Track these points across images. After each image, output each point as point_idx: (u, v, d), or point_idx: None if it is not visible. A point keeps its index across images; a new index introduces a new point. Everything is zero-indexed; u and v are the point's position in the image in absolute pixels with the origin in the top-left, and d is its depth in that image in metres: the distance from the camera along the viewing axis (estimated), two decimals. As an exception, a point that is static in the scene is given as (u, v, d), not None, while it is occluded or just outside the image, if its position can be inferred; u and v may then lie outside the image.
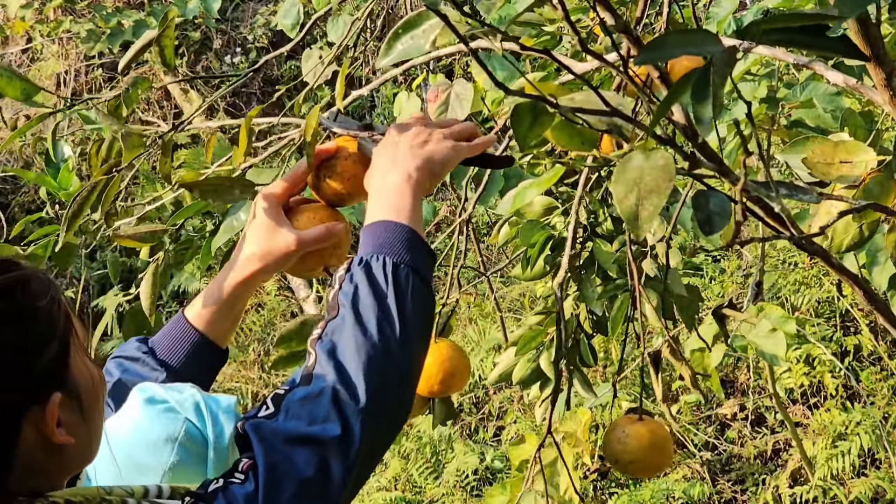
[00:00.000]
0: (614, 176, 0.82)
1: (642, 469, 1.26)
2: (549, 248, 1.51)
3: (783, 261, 4.47)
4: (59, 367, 0.89)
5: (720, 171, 0.84)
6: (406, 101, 2.09)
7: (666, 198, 0.79)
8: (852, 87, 1.10)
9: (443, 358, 1.30)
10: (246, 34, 6.82)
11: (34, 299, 0.88)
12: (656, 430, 1.25)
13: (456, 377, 1.31)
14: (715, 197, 0.89)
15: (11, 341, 0.86)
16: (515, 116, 0.92)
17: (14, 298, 0.88)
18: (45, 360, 0.87)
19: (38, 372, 0.86)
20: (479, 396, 4.63)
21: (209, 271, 5.79)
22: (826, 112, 1.90)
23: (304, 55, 1.96)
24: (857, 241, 1.07)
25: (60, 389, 0.87)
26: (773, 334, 1.80)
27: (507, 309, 4.84)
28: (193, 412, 1.12)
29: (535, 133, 0.93)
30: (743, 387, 4.15)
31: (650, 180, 0.80)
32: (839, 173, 1.02)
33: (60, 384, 0.88)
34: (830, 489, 3.51)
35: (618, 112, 0.83)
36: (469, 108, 1.49)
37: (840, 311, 4.15)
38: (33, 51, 6.72)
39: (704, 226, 0.88)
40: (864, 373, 3.90)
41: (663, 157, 0.81)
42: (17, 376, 0.85)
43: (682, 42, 0.72)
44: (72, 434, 0.88)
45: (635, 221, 0.79)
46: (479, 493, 4.05)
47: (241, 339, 5.39)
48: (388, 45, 1.04)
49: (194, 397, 1.14)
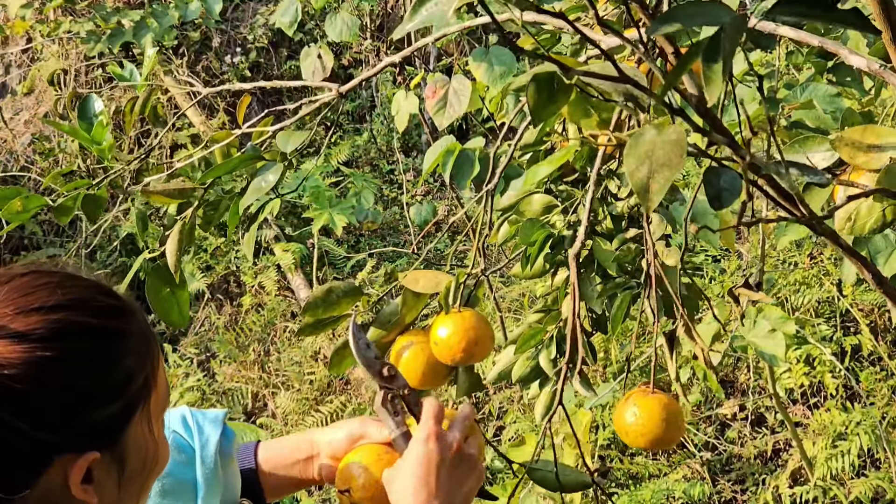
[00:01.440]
0: (626, 149, 0.82)
1: (654, 442, 1.25)
2: (549, 246, 1.51)
3: (783, 261, 4.47)
4: (112, 428, 0.86)
5: (730, 144, 0.85)
6: (404, 100, 2.09)
7: (678, 171, 0.80)
8: (875, 72, 1.10)
9: (466, 326, 1.29)
10: (246, 34, 6.82)
11: (123, 355, 0.86)
12: (669, 404, 1.25)
13: (479, 346, 1.31)
14: (726, 174, 0.89)
15: (78, 384, 0.83)
16: (533, 88, 0.91)
17: (105, 345, 0.86)
18: (100, 415, 0.85)
19: (87, 424, 0.84)
20: (478, 396, 4.63)
21: (209, 271, 5.79)
22: (826, 113, 1.90)
23: (302, 54, 1.96)
24: (881, 224, 1.07)
25: (103, 449, 0.85)
26: (772, 334, 1.81)
27: (507, 309, 4.85)
28: (180, 424, 1.15)
29: (550, 109, 0.93)
30: (743, 387, 4.15)
31: (662, 154, 0.80)
32: (867, 157, 1.02)
33: (106, 444, 0.86)
34: (830, 489, 3.51)
35: (632, 80, 0.83)
36: (467, 104, 1.49)
37: (840, 312, 4.15)
38: (33, 51, 6.72)
39: (714, 201, 0.88)
40: (864, 373, 3.90)
41: (676, 131, 0.82)
42: (65, 419, 0.82)
43: (695, 13, 0.73)
44: (99, 494, 0.86)
45: (646, 194, 0.80)
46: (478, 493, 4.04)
47: (241, 339, 5.39)
48: (414, 10, 1.05)
49: (181, 411, 1.17)
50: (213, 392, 4.94)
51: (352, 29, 2.48)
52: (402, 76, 6.38)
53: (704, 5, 0.73)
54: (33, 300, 0.84)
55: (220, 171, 1.45)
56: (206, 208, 1.51)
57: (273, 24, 6.35)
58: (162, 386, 0.93)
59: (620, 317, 1.51)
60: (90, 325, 0.85)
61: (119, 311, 0.89)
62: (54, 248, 5.92)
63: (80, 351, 0.84)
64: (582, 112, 0.97)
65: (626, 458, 3.94)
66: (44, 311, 0.83)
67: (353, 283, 1.33)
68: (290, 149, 1.45)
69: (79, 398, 0.83)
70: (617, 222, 1.51)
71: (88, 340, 0.85)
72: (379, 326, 1.35)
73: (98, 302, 0.88)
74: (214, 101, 6.46)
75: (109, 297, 0.90)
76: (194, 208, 1.45)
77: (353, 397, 4.84)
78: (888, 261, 1.61)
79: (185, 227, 1.44)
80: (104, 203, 1.51)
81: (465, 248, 5.37)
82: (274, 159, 1.44)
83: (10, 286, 0.85)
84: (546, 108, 0.92)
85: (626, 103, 0.85)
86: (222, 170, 1.44)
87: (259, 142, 1.56)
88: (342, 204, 5.60)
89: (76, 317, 0.85)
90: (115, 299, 0.91)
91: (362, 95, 6.81)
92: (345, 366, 1.36)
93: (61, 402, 0.82)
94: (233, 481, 1.18)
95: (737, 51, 0.71)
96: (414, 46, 1.48)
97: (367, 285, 5.35)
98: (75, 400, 0.83)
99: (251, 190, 1.43)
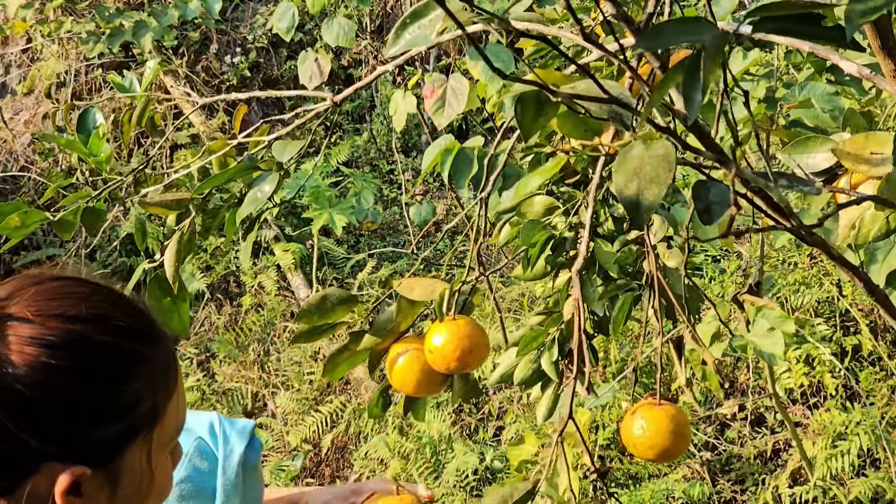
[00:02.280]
0: (615, 166, 0.82)
1: (662, 454, 1.25)
2: (550, 248, 1.51)
3: (783, 261, 4.47)
4: (109, 448, 0.85)
5: (718, 159, 0.85)
6: (402, 100, 2.09)
7: (667, 186, 0.80)
8: (866, 77, 1.10)
9: (461, 335, 1.29)
10: (246, 34, 6.82)
11: (133, 379, 0.85)
12: (676, 415, 1.25)
13: (474, 354, 1.30)
14: (715, 187, 0.89)
15: (81, 398, 0.82)
16: (520, 106, 0.92)
17: (116, 365, 0.84)
18: (98, 433, 0.84)
19: (84, 438, 0.83)
20: (478, 396, 4.63)
21: (209, 271, 5.79)
22: (825, 112, 1.90)
23: (299, 58, 1.96)
24: (884, 232, 1.07)
25: (96, 466, 0.84)
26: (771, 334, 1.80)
27: (507, 309, 4.85)
28: (207, 431, 1.15)
29: (539, 123, 0.93)
30: (743, 387, 4.15)
31: (650, 169, 0.80)
32: (869, 165, 1.02)
33: (100, 462, 0.84)
34: (830, 489, 3.51)
35: (616, 100, 0.83)
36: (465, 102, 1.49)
37: (840, 311, 4.15)
38: (33, 51, 6.72)
39: (703, 215, 0.89)
40: (864, 373, 3.90)
41: (663, 146, 0.82)
42: (61, 429, 0.82)
43: (680, 30, 0.73)
44: None
45: (636, 211, 0.80)
46: (479, 493, 4.05)
47: (241, 339, 5.39)
48: (396, 34, 1.05)
49: (210, 418, 1.17)
50: (213, 392, 4.94)
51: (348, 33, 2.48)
52: (401, 76, 6.38)
53: (689, 22, 0.73)
54: (56, 306, 0.84)
55: (216, 182, 1.45)
56: (204, 217, 1.51)
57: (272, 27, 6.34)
58: (171, 420, 0.91)
59: (622, 319, 1.51)
60: (104, 342, 0.84)
61: (140, 335, 0.88)
62: (54, 248, 5.92)
63: (89, 366, 0.83)
64: (572, 124, 0.97)
65: (625, 458, 3.94)
66: (63, 319, 0.83)
67: (348, 292, 1.33)
68: (286, 158, 1.45)
69: (78, 411, 0.82)
70: (618, 224, 1.51)
71: (99, 357, 0.84)
72: (374, 333, 1.35)
73: (119, 322, 0.87)
74: (214, 102, 6.46)
75: (134, 320, 0.89)
76: (192, 218, 1.46)
77: (352, 397, 4.84)
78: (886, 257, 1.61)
79: (184, 237, 1.45)
80: (103, 215, 1.52)
81: (464, 248, 5.37)
82: (270, 169, 1.44)
83: (38, 289, 0.85)
84: (535, 124, 0.92)
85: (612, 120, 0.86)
86: (218, 180, 1.45)
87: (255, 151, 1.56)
88: (342, 204, 5.60)
89: (93, 332, 0.84)
90: (140, 323, 0.89)
91: (362, 95, 6.81)
92: (338, 373, 1.36)
93: (60, 412, 0.81)
94: (254, 493, 1.18)
95: (735, 51, 0.72)
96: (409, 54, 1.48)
97: (367, 285, 5.35)
98: (75, 412, 0.82)
99: (247, 201, 1.43)
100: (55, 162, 6.11)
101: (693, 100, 0.70)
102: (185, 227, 1.45)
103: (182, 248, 1.43)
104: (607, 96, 0.83)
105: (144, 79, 1.68)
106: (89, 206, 1.44)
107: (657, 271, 1.25)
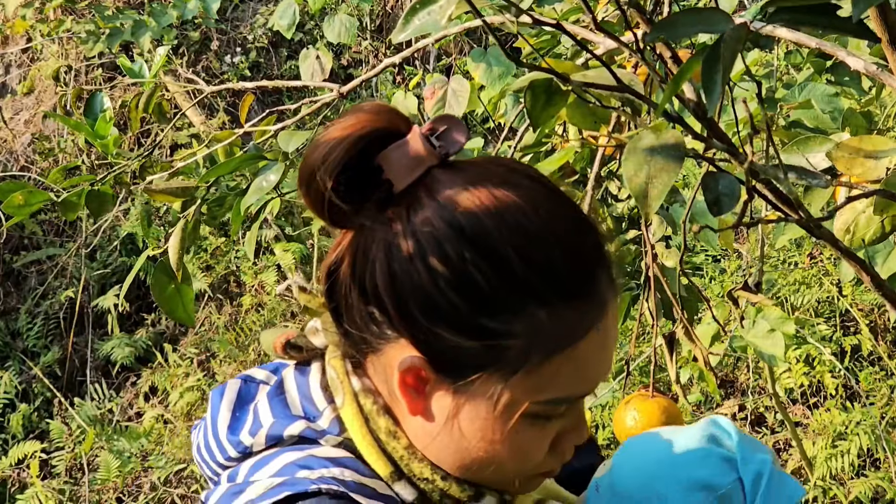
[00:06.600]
0: (625, 154, 0.82)
1: None
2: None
3: (783, 261, 4.47)
4: (517, 351, 0.71)
5: (729, 150, 0.84)
6: (402, 101, 2.10)
7: (676, 176, 0.80)
8: (872, 74, 1.09)
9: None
10: (246, 34, 6.82)
11: (523, 314, 0.70)
12: (669, 407, 1.25)
13: None
14: (724, 178, 0.89)
15: (478, 298, 0.69)
16: (530, 94, 0.91)
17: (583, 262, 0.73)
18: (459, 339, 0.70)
19: (481, 326, 0.70)
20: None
21: (209, 270, 5.79)
22: (825, 113, 1.90)
23: (301, 56, 1.96)
24: (879, 235, 1.06)
25: (445, 374, 0.72)
26: (771, 334, 1.80)
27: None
28: (750, 480, 0.92)
29: (548, 113, 0.93)
30: (743, 387, 4.15)
31: (660, 158, 0.80)
32: (864, 168, 1.01)
33: (448, 372, 0.72)
34: (830, 489, 3.51)
35: (628, 88, 0.83)
36: (465, 104, 1.49)
37: (840, 311, 4.15)
38: (33, 50, 6.72)
39: (713, 207, 0.88)
40: (864, 373, 3.90)
41: (674, 135, 0.82)
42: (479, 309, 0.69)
43: (694, 20, 0.72)
44: (413, 406, 0.74)
45: (645, 199, 0.79)
46: (478, 492, 4.05)
47: (241, 339, 5.39)
48: (406, 19, 1.04)
49: (762, 466, 0.93)
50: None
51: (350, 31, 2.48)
52: (401, 76, 6.38)
53: (703, 13, 0.72)
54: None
55: (222, 170, 1.45)
56: (210, 205, 1.51)
57: (272, 25, 6.35)
58: (572, 364, 0.73)
59: (620, 318, 1.51)
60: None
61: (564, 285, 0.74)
62: (54, 248, 5.92)
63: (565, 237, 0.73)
64: (581, 114, 0.97)
65: (625, 458, 3.94)
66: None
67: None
68: (292, 148, 1.46)
69: (504, 293, 0.70)
70: (617, 223, 1.51)
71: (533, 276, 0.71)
72: None
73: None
74: (214, 101, 6.46)
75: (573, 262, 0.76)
76: (197, 206, 1.46)
77: (352, 397, 4.84)
78: (886, 261, 1.61)
79: (189, 224, 1.45)
80: (109, 200, 1.50)
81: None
82: (275, 159, 1.44)
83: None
84: (544, 113, 0.92)
85: (624, 108, 0.86)
86: (225, 169, 1.45)
87: (261, 141, 1.56)
88: (342, 204, 5.60)
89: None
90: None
91: (362, 95, 6.81)
92: None
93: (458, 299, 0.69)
94: None
95: (736, 55, 0.72)
96: (414, 48, 1.49)
97: (366, 285, 5.34)
98: (491, 296, 0.70)
99: (253, 189, 1.44)
100: (55, 162, 6.11)
101: (713, 91, 0.69)
102: (189, 214, 1.45)
103: (186, 235, 1.43)
104: (619, 84, 0.83)
105: (154, 64, 1.69)
106: (94, 188, 1.43)
107: (654, 265, 1.26)
